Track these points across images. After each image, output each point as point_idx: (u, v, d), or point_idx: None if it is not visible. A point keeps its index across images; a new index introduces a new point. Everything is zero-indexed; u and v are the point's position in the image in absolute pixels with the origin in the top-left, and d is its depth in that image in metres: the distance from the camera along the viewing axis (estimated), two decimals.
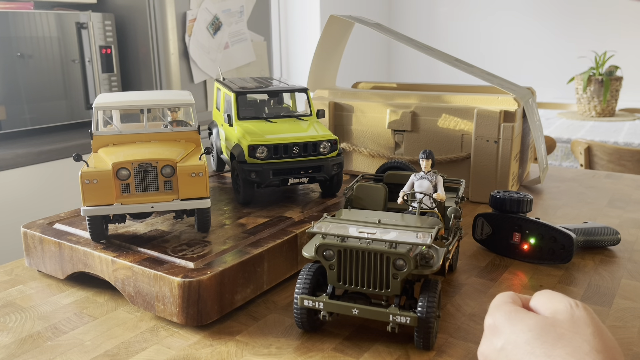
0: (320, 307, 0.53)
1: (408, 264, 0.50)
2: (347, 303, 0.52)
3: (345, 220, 0.57)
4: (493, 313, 0.45)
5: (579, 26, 3.63)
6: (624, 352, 0.52)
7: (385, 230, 0.53)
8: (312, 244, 0.55)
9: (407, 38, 1.05)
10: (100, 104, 0.69)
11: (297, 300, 0.54)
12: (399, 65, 4.25)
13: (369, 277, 0.52)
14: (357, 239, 0.52)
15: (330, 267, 0.53)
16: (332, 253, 0.52)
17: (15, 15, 1.75)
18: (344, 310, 0.52)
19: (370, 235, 0.52)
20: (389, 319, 0.51)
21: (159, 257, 0.62)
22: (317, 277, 0.55)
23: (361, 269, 0.52)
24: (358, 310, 0.52)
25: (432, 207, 0.62)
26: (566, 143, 2.45)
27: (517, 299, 0.46)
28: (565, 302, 0.43)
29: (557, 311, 0.43)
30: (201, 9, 2.17)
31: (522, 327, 0.42)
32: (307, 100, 0.86)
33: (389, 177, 0.74)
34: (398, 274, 0.50)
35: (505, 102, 0.96)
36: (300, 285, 0.54)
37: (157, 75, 2.09)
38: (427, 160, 0.62)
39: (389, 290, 0.51)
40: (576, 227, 0.76)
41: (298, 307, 0.54)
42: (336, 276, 0.53)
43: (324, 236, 0.53)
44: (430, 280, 0.53)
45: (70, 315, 0.61)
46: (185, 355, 0.53)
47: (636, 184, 1.09)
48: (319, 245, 0.52)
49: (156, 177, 0.64)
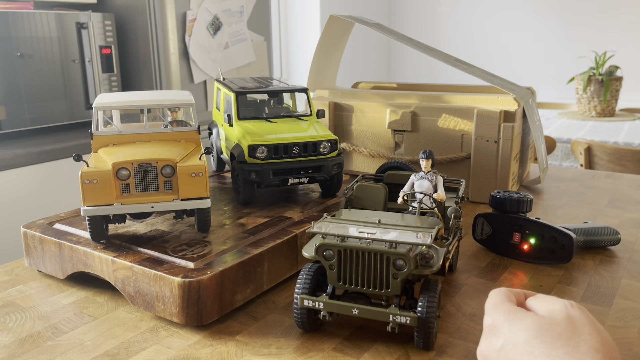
0: (321, 307, 0.53)
1: (408, 264, 0.50)
2: (347, 303, 0.52)
3: (345, 220, 0.57)
4: (491, 313, 0.45)
5: (579, 26, 3.63)
6: (624, 352, 0.52)
7: (385, 230, 0.53)
8: (312, 244, 0.55)
9: (407, 38, 1.05)
10: (100, 104, 0.69)
11: (297, 300, 0.54)
12: (399, 65, 4.25)
13: (369, 277, 0.52)
14: (357, 239, 0.52)
15: (330, 267, 0.53)
16: (332, 253, 0.52)
17: (15, 15, 1.75)
18: (344, 311, 0.52)
19: (370, 235, 0.52)
20: (389, 319, 0.51)
21: (159, 257, 0.62)
22: (317, 277, 0.55)
23: (361, 269, 0.52)
24: (358, 310, 0.52)
25: (432, 207, 0.62)
26: (566, 143, 2.45)
27: (512, 295, 0.47)
28: (560, 303, 0.44)
29: (553, 311, 0.43)
30: (201, 9, 2.17)
31: (520, 326, 0.42)
32: (307, 100, 0.86)
33: (389, 177, 0.74)
34: (398, 274, 0.50)
35: (505, 102, 0.96)
36: (300, 285, 0.54)
37: (157, 75, 2.09)
38: (427, 160, 0.62)
39: (389, 290, 0.51)
40: (576, 227, 0.76)
41: (298, 307, 0.54)
42: (336, 276, 0.53)
43: (324, 236, 0.53)
44: (431, 280, 0.53)
45: (70, 315, 0.61)
46: (185, 355, 0.53)
47: (636, 184, 1.09)
48: (319, 245, 0.52)
49: (156, 177, 0.64)
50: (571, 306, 0.43)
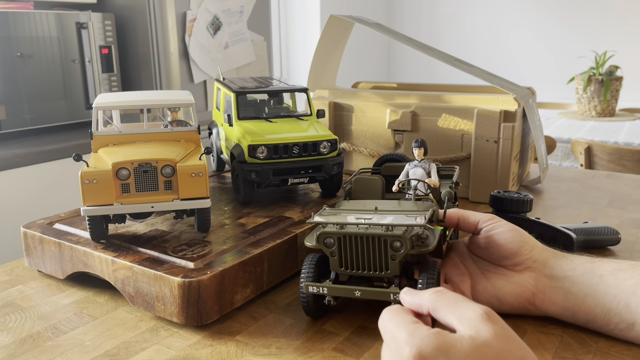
0: (325, 292, 0.55)
1: (404, 244, 0.52)
2: (349, 286, 0.54)
3: (344, 210, 0.59)
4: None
5: (579, 26, 3.63)
6: (624, 352, 0.52)
7: (382, 216, 0.55)
8: (313, 234, 0.57)
9: (407, 38, 1.05)
10: (100, 104, 0.69)
11: (303, 287, 0.55)
12: (399, 65, 4.25)
13: (368, 261, 0.54)
14: (355, 225, 0.53)
15: (331, 254, 0.54)
16: (332, 241, 0.54)
17: (15, 15, 1.75)
18: (347, 293, 0.54)
19: (367, 221, 0.53)
20: (390, 298, 0.53)
21: (159, 257, 0.62)
22: (320, 266, 0.57)
23: (361, 253, 0.54)
24: (360, 292, 0.54)
25: (426, 192, 0.64)
26: (566, 143, 2.45)
27: (409, 311, 0.43)
28: (464, 329, 0.39)
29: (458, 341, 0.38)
30: (201, 9, 2.17)
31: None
32: (307, 100, 0.86)
33: (386, 170, 0.76)
34: (396, 255, 0.52)
35: (505, 102, 0.96)
36: (305, 273, 0.56)
37: (157, 75, 2.09)
38: (420, 149, 0.65)
39: (388, 272, 0.53)
40: (576, 227, 0.76)
41: (304, 294, 0.56)
42: (337, 262, 0.55)
43: (324, 225, 0.54)
44: (429, 261, 0.54)
45: (70, 315, 0.61)
46: (185, 355, 0.53)
47: (636, 184, 1.09)
48: (319, 234, 0.54)
49: (156, 177, 0.64)
50: (476, 334, 0.38)
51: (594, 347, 0.53)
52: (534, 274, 0.56)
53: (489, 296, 0.57)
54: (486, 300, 0.57)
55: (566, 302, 0.55)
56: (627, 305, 0.51)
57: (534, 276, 0.56)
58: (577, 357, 0.52)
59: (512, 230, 0.58)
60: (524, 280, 0.56)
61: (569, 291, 0.54)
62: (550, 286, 0.55)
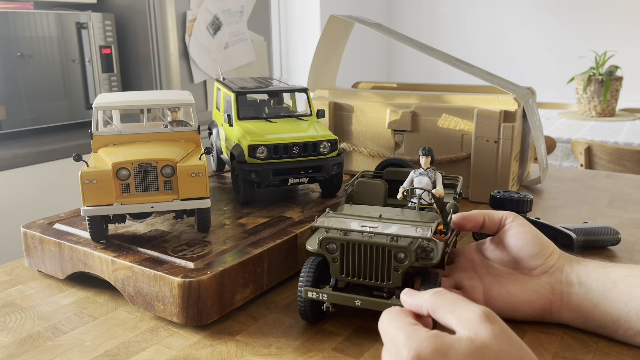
0: (324, 298, 0.54)
1: (409, 256, 0.51)
2: (350, 294, 0.53)
3: (348, 215, 0.58)
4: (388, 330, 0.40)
5: (579, 26, 3.63)
6: (625, 352, 0.52)
7: (386, 225, 0.54)
8: (315, 238, 0.56)
9: (407, 38, 1.05)
10: (100, 104, 0.69)
11: (301, 292, 0.55)
12: (399, 65, 4.25)
13: (371, 270, 0.53)
14: (359, 232, 0.53)
15: (333, 260, 0.54)
16: (335, 246, 0.53)
17: (15, 15, 1.75)
18: (347, 302, 0.53)
19: (372, 229, 0.53)
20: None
21: (159, 257, 0.62)
22: (319, 271, 0.56)
23: (363, 261, 0.53)
24: (360, 302, 0.53)
25: (430, 202, 0.63)
26: (566, 143, 2.45)
27: (409, 313, 0.43)
28: (462, 332, 0.38)
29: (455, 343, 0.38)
30: (201, 9, 2.17)
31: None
32: (307, 100, 0.86)
33: (388, 174, 0.75)
34: (399, 266, 0.51)
35: (505, 102, 0.96)
36: (304, 278, 0.55)
37: (157, 75, 2.09)
38: (427, 157, 0.64)
39: (390, 283, 0.52)
40: (576, 227, 0.76)
41: (302, 299, 0.55)
42: (339, 269, 0.54)
43: (328, 230, 0.54)
44: (431, 273, 0.54)
45: (70, 315, 0.61)
46: (185, 355, 0.53)
47: (636, 184, 1.09)
48: (322, 239, 0.53)
49: (156, 177, 0.64)
50: (475, 336, 0.37)
51: (594, 347, 0.53)
52: (550, 279, 0.55)
53: (503, 303, 0.56)
54: (500, 307, 0.55)
55: (580, 309, 0.54)
56: (637, 313, 0.50)
57: (550, 282, 0.55)
58: (577, 357, 0.52)
59: (533, 231, 0.57)
60: (540, 287, 0.55)
61: (584, 298, 0.53)
62: (566, 292, 0.54)
